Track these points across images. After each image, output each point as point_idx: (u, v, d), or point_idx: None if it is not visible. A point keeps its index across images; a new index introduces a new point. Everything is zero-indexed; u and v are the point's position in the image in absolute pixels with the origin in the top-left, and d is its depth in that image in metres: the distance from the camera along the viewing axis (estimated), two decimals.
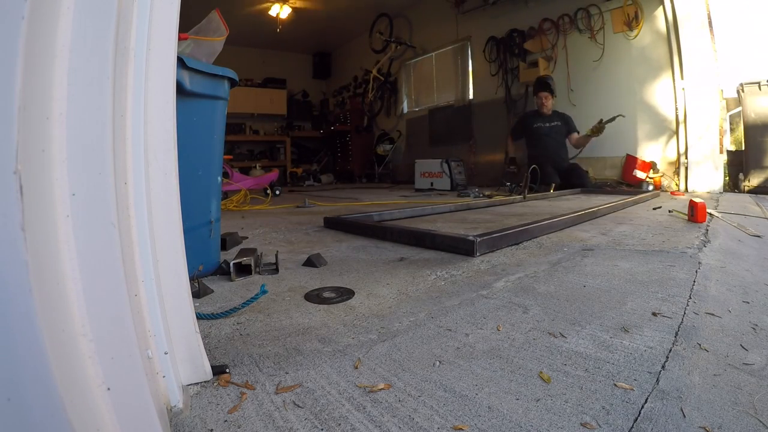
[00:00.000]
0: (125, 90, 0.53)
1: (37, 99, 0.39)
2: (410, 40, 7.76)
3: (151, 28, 0.57)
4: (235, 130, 8.63)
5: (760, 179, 4.83)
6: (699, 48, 4.65)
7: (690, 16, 4.69)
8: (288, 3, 7.27)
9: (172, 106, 0.62)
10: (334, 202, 4.03)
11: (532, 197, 3.90)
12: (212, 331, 0.88)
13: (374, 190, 6.00)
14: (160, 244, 0.60)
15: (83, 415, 0.40)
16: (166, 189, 0.61)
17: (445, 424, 0.55)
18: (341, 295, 1.11)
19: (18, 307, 0.35)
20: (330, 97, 10.30)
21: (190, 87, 1.17)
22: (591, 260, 1.44)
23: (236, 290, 1.18)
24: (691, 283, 1.15)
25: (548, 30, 5.82)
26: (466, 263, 1.44)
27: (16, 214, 0.35)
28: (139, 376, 0.46)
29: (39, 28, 0.39)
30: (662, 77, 4.94)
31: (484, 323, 0.90)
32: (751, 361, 0.72)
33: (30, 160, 0.38)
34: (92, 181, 0.45)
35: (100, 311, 0.44)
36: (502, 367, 0.70)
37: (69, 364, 0.40)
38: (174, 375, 0.57)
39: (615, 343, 0.78)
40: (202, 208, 1.31)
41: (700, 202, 2.24)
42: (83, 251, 0.43)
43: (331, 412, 0.58)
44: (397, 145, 8.21)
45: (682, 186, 4.84)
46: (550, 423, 0.55)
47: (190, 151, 1.18)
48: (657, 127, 5.05)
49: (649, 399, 0.59)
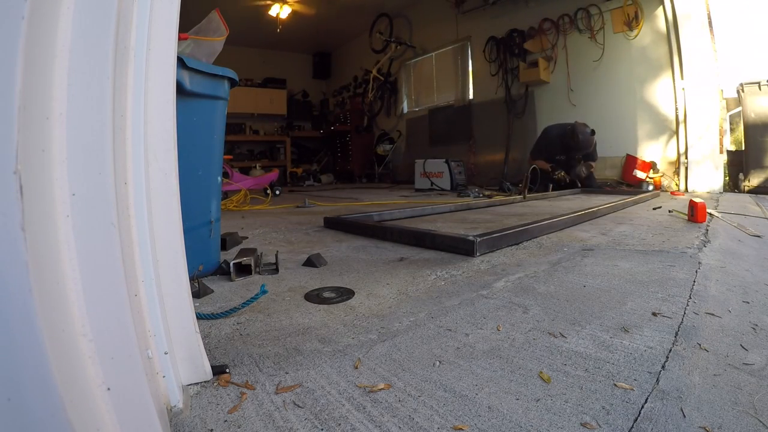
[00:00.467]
0: (125, 90, 0.53)
1: (37, 99, 0.39)
2: (410, 40, 7.76)
3: (151, 28, 0.57)
4: (235, 130, 8.63)
5: (760, 179, 4.83)
6: (699, 48, 4.65)
7: (690, 15, 4.69)
8: (288, 3, 7.27)
9: (172, 106, 0.62)
10: (334, 202, 4.03)
11: (532, 197, 3.91)
12: (212, 331, 0.88)
13: (374, 190, 6.00)
14: (160, 244, 0.60)
15: (83, 415, 0.40)
16: (166, 189, 0.61)
17: (445, 424, 0.55)
18: (341, 295, 1.11)
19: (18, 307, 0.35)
20: (330, 97, 10.31)
21: (190, 87, 1.17)
22: (591, 260, 1.44)
23: (236, 290, 1.18)
24: (691, 283, 1.15)
25: (548, 30, 5.82)
26: (466, 263, 1.44)
27: (16, 214, 0.35)
28: (139, 376, 0.46)
29: (39, 28, 0.39)
30: (662, 77, 4.94)
31: (484, 323, 0.90)
32: (751, 361, 0.72)
33: (30, 160, 0.38)
34: (92, 181, 0.45)
35: (100, 311, 0.44)
36: (502, 367, 0.70)
37: (69, 364, 0.40)
38: (174, 375, 0.57)
39: (615, 343, 0.78)
40: (202, 208, 1.31)
41: (700, 202, 2.24)
42: (83, 251, 0.43)
43: (331, 412, 0.58)
44: (397, 145, 8.21)
45: (682, 186, 4.84)
46: (550, 423, 0.55)
47: (190, 151, 1.18)
48: (657, 127, 5.06)
49: (649, 399, 0.59)
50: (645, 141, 5.14)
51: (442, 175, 5.72)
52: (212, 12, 1.35)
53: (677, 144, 4.88)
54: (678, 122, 4.84)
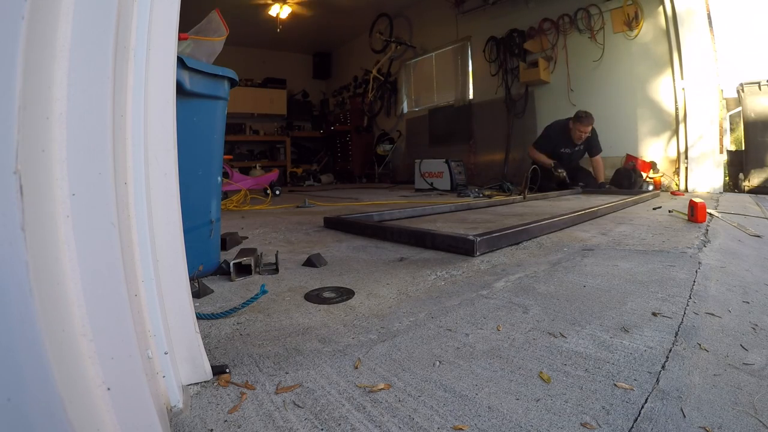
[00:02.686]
0: (125, 90, 0.53)
1: (37, 99, 0.39)
2: (410, 40, 7.76)
3: (151, 28, 0.57)
4: (235, 130, 8.63)
5: (760, 179, 4.83)
6: (699, 47, 4.65)
7: (690, 15, 4.69)
8: (288, 3, 7.27)
9: (172, 106, 0.62)
10: (334, 202, 4.03)
11: (532, 197, 3.90)
12: (212, 331, 0.88)
13: (374, 190, 6.00)
14: (160, 244, 0.60)
15: (83, 415, 0.40)
16: (166, 189, 0.61)
17: (445, 424, 0.55)
18: (341, 295, 1.11)
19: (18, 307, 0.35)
20: (330, 97, 10.30)
21: (190, 87, 1.17)
22: (591, 260, 1.44)
23: (236, 290, 1.18)
24: (691, 283, 1.15)
25: (548, 30, 5.81)
26: (466, 263, 1.44)
27: (16, 214, 0.35)
28: (139, 376, 0.46)
29: (39, 28, 0.39)
30: (662, 77, 4.94)
31: (484, 323, 0.90)
32: (751, 361, 0.72)
33: (30, 160, 0.38)
34: (92, 181, 0.45)
35: (100, 311, 0.44)
36: (502, 367, 0.70)
37: (69, 364, 0.40)
38: (174, 375, 0.57)
39: (615, 343, 0.78)
40: (202, 208, 1.31)
41: (700, 202, 2.24)
42: (83, 251, 0.43)
43: (331, 412, 0.58)
44: (397, 145, 8.21)
45: (682, 186, 4.84)
46: (550, 423, 0.55)
47: (190, 151, 1.18)
48: (657, 126, 5.05)
49: (649, 399, 0.59)
50: (645, 141, 5.14)
51: (442, 175, 5.71)
52: (212, 12, 1.35)
53: (677, 144, 4.88)
54: (678, 122, 4.84)
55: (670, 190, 4.72)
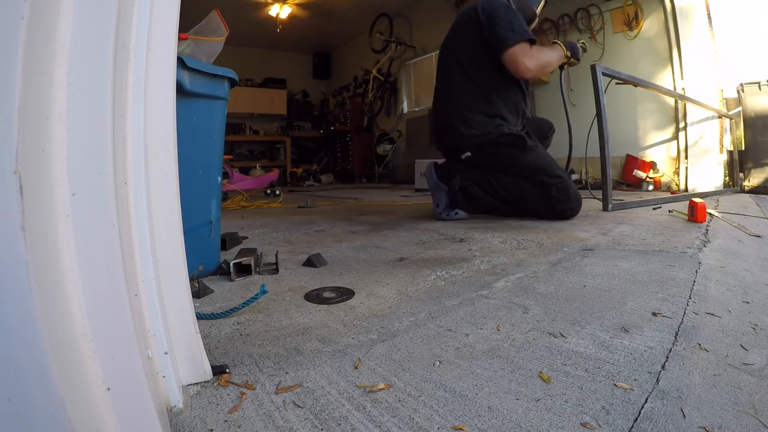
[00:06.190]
0: (125, 90, 0.53)
1: (37, 99, 0.39)
2: (410, 40, 7.75)
3: (151, 28, 0.57)
4: (235, 130, 8.63)
5: (760, 179, 4.83)
6: (699, 48, 4.65)
7: (689, 15, 4.69)
8: (288, 3, 7.27)
9: (172, 106, 0.62)
10: (335, 202, 4.03)
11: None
12: (212, 331, 0.88)
13: (374, 190, 5.99)
14: (160, 244, 0.60)
15: (83, 415, 0.40)
16: (166, 189, 0.61)
17: (445, 424, 0.55)
18: (341, 295, 1.11)
19: (18, 307, 0.35)
20: (330, 97, 10.30)
21: (190, 87, 1.17)
22: (591, 260, 1.44)
23: (236, 290, 1.18)
24: (691, 283, 1.15)
25: (548, 30, 5.81)
26: (466, 263, 1.44)
27: (16, 214, 0.35)
28: (139, 376, 0.46)
29: (39, 28, 0.39)
30: (662, 77, 4.94)
31: (484, 323, 0.90)
32: (751, 361, 0.72)
33: (30, 160, 0.38)
34: (92, 181, 0.45)
35: (100, 311, 0.44)
36: (502, 367, 0.70)
37: (69, 364, 0.40)
38: (174, 375, 0.57)
39: (615, 343, 0.78)
40: (202, 208, 1.31)
41: (700, 202, 2.24)
42: (83, 251, 0.43)
43: (331, 412, 0.58)
44: (397, 145, 8.21)
45: (682, 185, 4.84)
46: (550, 423, 0.55)
47: (190, 151, 1.18)
48: (657, 126, 5.06)
49: (649, 399, 0.59)
50: (645, 141, 5.14)
51: None
52: (212, 12, 1.35)
53: (677, 144, 4.88)
54: (678, 122, 4.84)
55: (670, 190, 4.72)
